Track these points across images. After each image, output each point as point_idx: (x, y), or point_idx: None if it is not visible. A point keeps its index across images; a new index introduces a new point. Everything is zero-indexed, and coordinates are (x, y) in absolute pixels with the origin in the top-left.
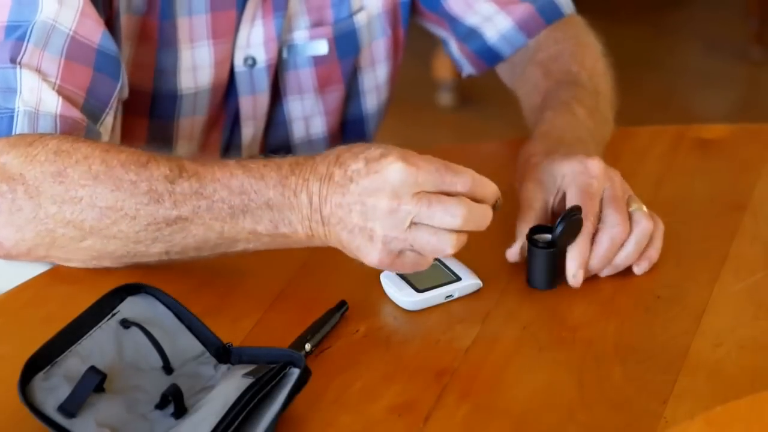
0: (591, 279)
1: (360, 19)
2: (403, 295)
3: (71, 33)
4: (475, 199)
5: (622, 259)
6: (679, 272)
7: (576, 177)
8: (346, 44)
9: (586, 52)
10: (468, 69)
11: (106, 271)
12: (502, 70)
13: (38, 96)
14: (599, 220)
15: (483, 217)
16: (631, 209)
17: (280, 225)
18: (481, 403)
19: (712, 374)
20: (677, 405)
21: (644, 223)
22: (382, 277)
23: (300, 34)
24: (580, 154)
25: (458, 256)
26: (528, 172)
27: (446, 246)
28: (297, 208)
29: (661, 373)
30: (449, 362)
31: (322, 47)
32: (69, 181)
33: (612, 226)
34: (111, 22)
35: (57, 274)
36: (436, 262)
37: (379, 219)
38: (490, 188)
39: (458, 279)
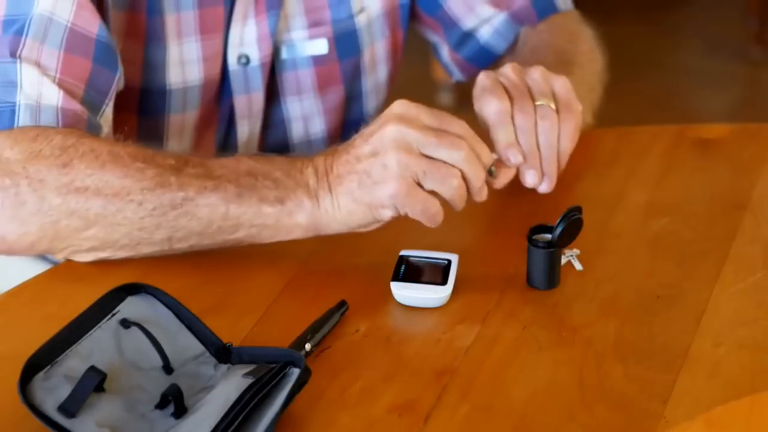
0: (591, 279)
1: (361, 20)
2: (431, 293)
3: (69, 25)
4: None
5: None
6: (679, 272)
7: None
8: (347, 44)
9: (568, 38)
10: (457, 75)
11: (107, 270)
12: None
13: (39, 89)
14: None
15: (479, 164)
16: (537, 103)
17: (286, 200)
18: (481, 403)
19: (712, 374)
20: (677, 405)
21: (549, 119)
22: (393, 287)
23: (298, 34)
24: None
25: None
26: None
27: (454, 177)
28: (303, 183)
29: (661, 373)
30: (449, 362)
31: (321, 47)
32: (75, 171)
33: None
34: (104, 17)
35: (57, 274)
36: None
37: (390, 145)
38: (485, 149)
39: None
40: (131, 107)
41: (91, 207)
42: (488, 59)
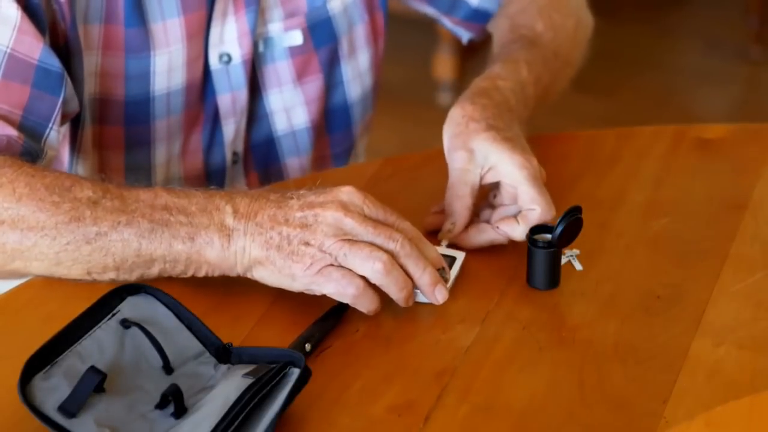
0: (591, 279)
1: (334, 6)
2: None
3: (8, 50)
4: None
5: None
6: (679, 272)
7: (521, 170)
8: (321, 33)
9: (555, 7)
10: (466, 35)
11: None
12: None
13: None
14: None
15: (421, 258)
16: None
17: (197, 237)
18: (481, 403)
19: (712, 374)
20: (677, 405)
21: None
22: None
23: (275, 27)
24: (518, 145)
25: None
26: (463, 138)
27: (377, 260)
28: (217, 221)
29: (661, 373)
30: (449, 362)
31: (296, 37)
32: None
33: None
34: (66, 35)
35: None
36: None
37: (321, 228)
38: (433, 250)
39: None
40: (117, 120)
41: (7, 241)
42: (486, 17)
